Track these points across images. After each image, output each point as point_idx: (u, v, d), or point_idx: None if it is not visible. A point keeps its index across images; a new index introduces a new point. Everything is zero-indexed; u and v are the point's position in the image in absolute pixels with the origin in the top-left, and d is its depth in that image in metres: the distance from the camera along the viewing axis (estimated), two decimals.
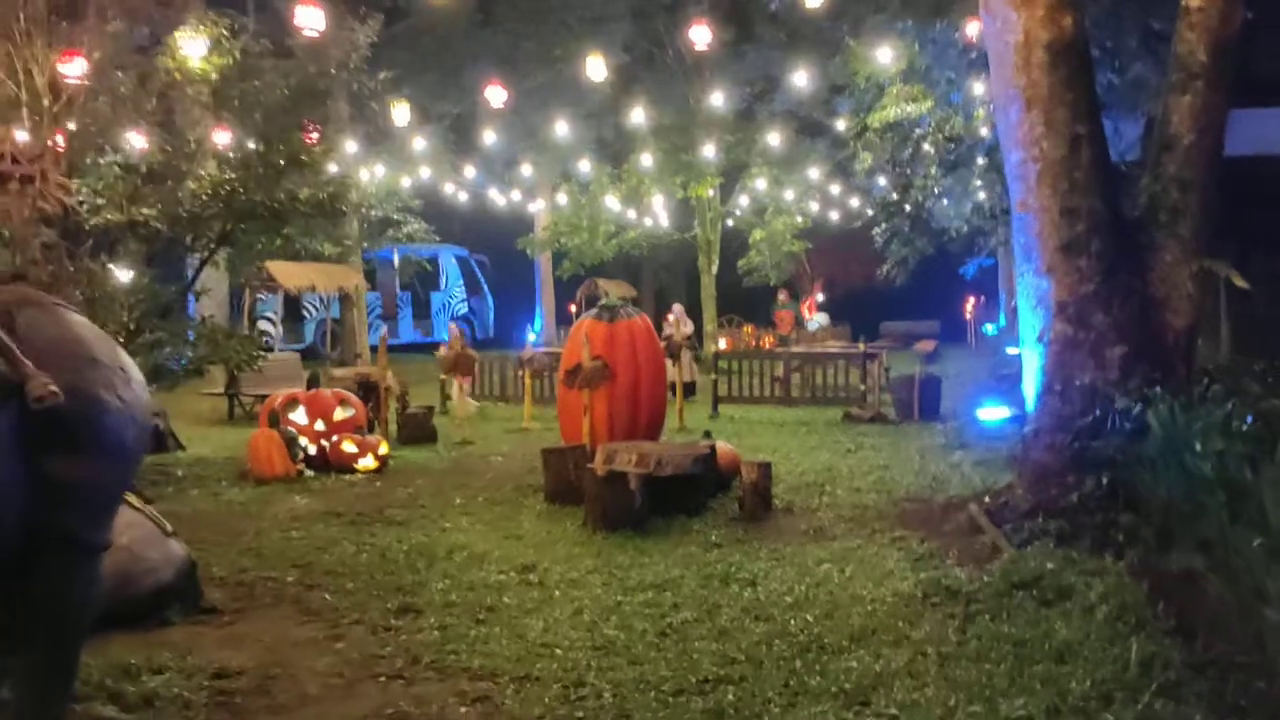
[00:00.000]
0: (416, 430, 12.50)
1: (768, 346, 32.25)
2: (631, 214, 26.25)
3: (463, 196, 26.99)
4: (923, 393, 14.03)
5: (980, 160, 17.28)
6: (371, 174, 22.18)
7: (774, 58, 23.52)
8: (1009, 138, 7.39)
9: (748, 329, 33.68)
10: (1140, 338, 7.10)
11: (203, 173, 8.97)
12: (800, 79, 15.45)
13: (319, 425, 10.24)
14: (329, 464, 10.03)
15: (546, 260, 29.54)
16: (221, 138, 9.75)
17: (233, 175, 9.00)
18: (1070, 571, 5.59)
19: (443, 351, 13.97)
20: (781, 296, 35.00)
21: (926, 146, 13.19)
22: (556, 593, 6.01)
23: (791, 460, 10.96)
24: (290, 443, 9.61)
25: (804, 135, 25.24)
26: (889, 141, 13.23)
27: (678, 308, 17.15)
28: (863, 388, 14.89)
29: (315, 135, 10.24)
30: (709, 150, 20.88)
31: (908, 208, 13.71)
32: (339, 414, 10.40)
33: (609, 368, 10.23)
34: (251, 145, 9.67)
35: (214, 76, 8.46)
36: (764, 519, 8.15)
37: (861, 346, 15.27)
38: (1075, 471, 6.81)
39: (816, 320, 35.24)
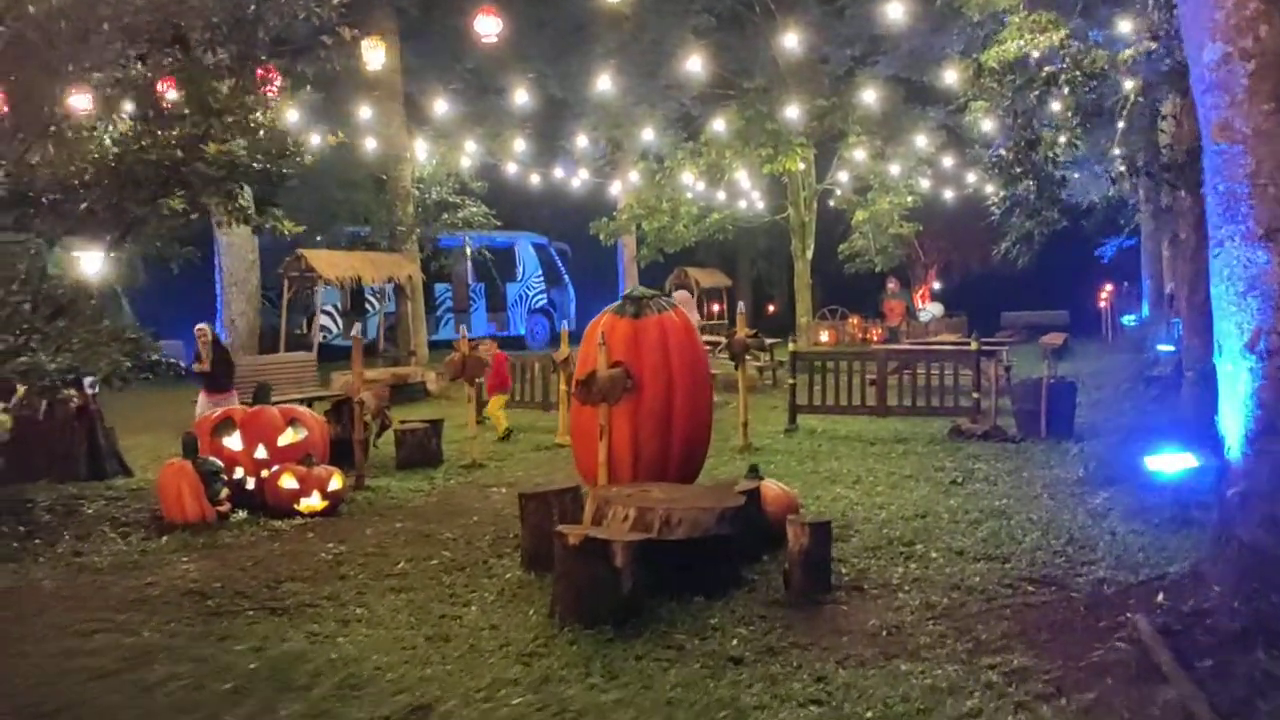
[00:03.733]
0: (415, 451, 10.25)
1: (876, 339, 29.31)
2: (721, 195, 23.63)
3: (534, 179, 24.82)
4: (1052, 402, 11.15)
5: (1120, 123, 14.28)
6: (420, 151, 20.14)
7: (877, 14, 20.67)
8: (1198, 24, 4.66)
9: (853, 321, 30.75)
10: None
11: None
12: (895, 12, 12.57)
13: (260, 452, 8.03)
14: (268, 503, 7.82)
15: (630, 247, 27.12)
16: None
17: (124, 130, 6.87)
18: None
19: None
20: (891, 285, 32.00)
21: (1056, 99, 10.29)
22: None
23: (876, 497, 8.35)
24: (209, 477, 7.40)
25: (912, 103, 22.24)
26: (1009, 86, 10.36)
27: (680, 294, 13.99)
28: (975, 395, 12.05)
29: (272, 85, 7.94)
30: (793, 111, 18.07)
31: (1031, 174, 10.82)
32: (287, 437, 8.17)
33: (632, 377, 7.79)
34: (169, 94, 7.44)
35: None
36: (818, 604, 5.62)
37: (974, 345, 12.39)
38: None
39: (929, 310, 32.10)
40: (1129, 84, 11.98)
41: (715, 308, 32.29)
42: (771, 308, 35.52)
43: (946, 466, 9.65)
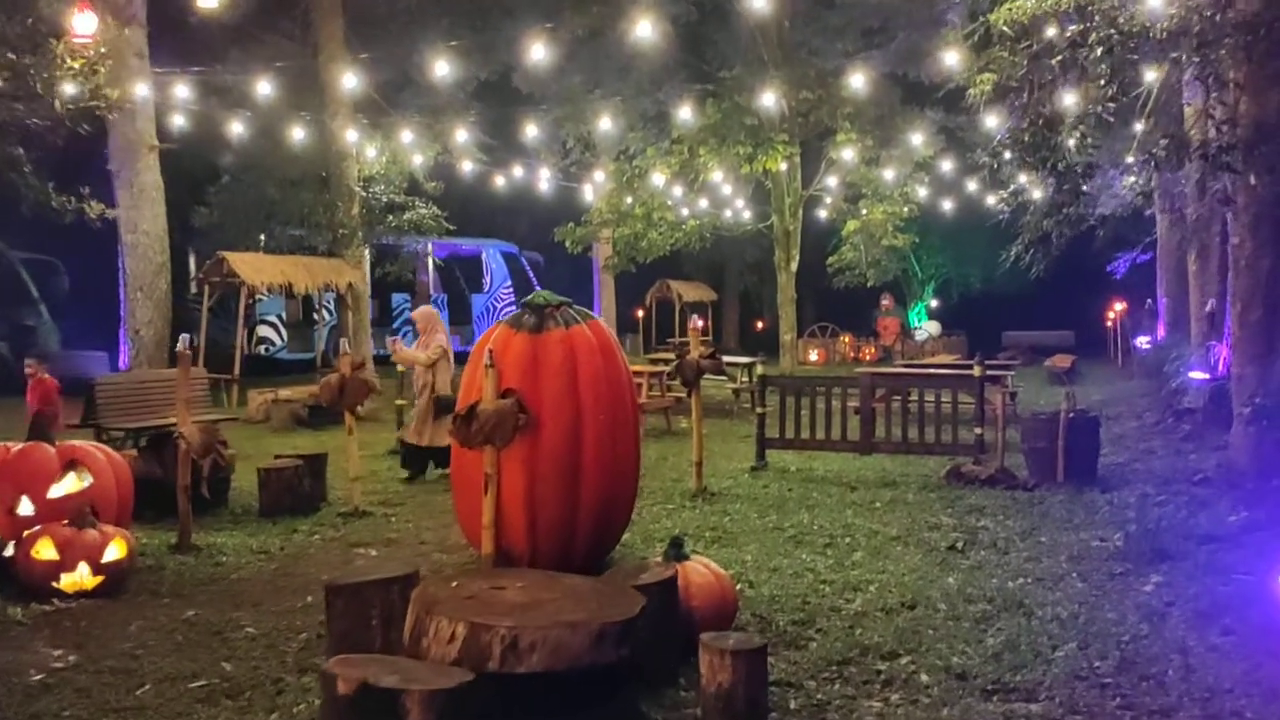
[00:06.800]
0: (283, 496, 8.23)
1: (868, 359, 27.31)
2: (704, 202, 21.67)
3: (506, 185, 22.84)
4: (1071, 441, 9.17)
5: (1139, 125, 12.37)
6: (370, 149, 18.22)
7: (871, 6, 18.81)
8: None
9: (845, 339, 28.80)
10: None
11: None
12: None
13: (24, 507, 6.00)
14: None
15: (603, 256, 25.16)
16: None
17: None
18: None
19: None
20: (885, 301, 30.10)
21: (1084, 66, 8.31)
22: None
23: (852, 570, 6.36)
24: None
25: (910, 103, 20.32)
26: (1023, 55, 8.41)
27: (424, 310, 10.45)
28: (978, 430, 10.02)
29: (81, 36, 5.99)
30: (774, 102, 16.13)
31: (1049, 162, 8.84)
32: (63, 486, 6.13)
33: (527, 412, 5.84)
34: None
35: None
36: None
37: (977, 370, 10.38)
38: None
39: (925, 329, 30.19)
40: (1154, 70, 10.13)
41: (700, 323, 30.35)
42: (760, 324, 33.55)
43: (943, 524, 7.66)
